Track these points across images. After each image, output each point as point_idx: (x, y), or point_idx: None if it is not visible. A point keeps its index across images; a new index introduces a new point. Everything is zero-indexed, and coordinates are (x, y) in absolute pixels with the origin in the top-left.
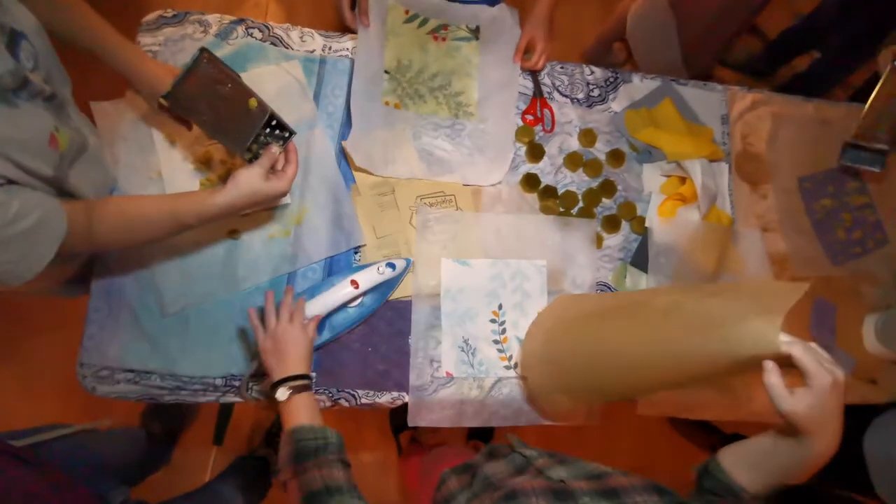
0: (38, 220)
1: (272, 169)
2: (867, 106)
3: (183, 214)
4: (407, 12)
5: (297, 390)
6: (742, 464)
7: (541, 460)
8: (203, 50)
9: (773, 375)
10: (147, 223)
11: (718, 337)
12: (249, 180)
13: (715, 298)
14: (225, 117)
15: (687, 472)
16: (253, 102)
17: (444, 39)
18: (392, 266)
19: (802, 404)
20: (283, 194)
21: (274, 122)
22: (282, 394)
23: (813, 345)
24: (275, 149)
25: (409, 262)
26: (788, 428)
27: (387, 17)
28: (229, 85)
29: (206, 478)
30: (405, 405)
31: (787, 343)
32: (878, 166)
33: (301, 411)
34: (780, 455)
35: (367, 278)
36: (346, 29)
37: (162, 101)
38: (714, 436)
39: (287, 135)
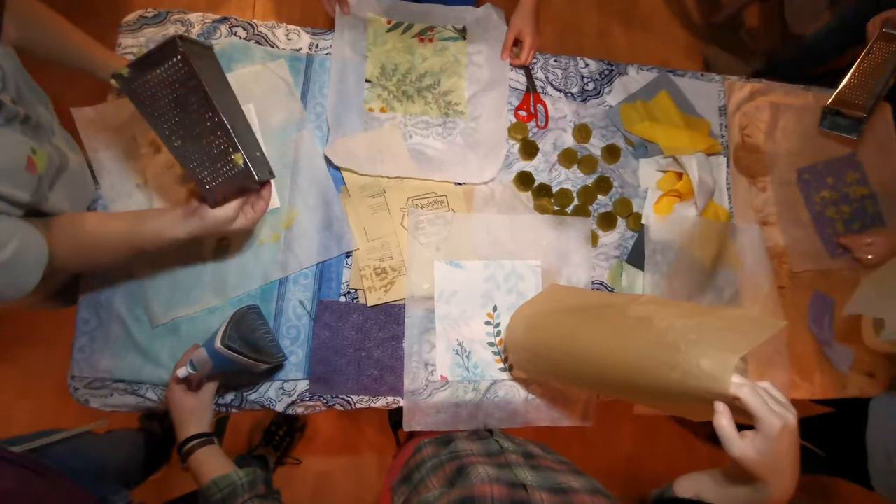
0: (17, 248)
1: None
2: (850, 71)
3: (140, 241)
4: (389, 22)
5: (191, 451)
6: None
7: (514, 455)
8: (180, 39)
9: (723, 418)
10: (104, 247)
11: (674, 364)
12: (216, 219)
13: (686, 320)
14: (194, 139)
15: (685, 460)
16: (238, 159)
17: (430, 40)
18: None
19: (752, 449)
20: (245, 232)
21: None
22: (182, 460)
23: (766, 385)
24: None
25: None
26: (742, 471)
27: (367, 30)
28: (200, 106)
29: None
30: None
31: (737, 385)
32: (855, 134)
33: (202, 470)
34: (735, 495)
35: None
36: (333, 25)
37: (112, 81)
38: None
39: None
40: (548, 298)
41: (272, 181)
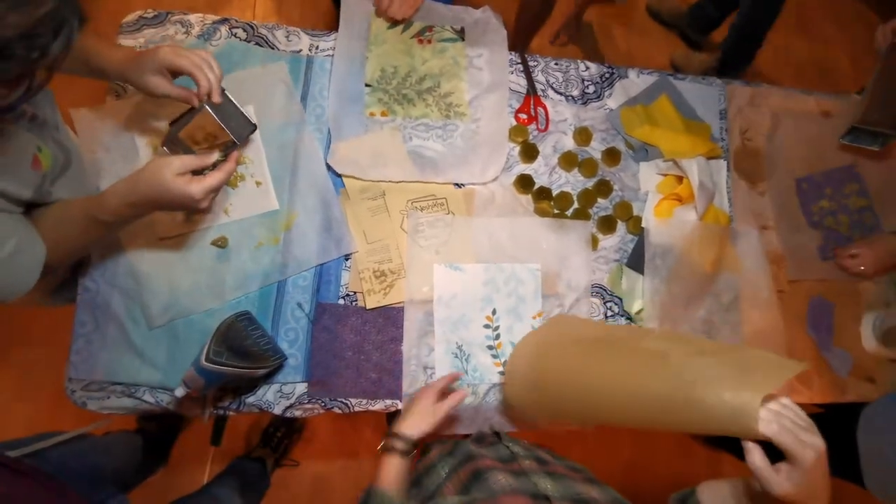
0: (14, 247)
1: (199, 173)
2: (871, 87)
3: (92, 208)
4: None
5: (389, 449)
6: None
7: (527, 462)
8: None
9: (756, 457)
10: (70, 223)
11: (695, 404)
12: (156, 169)
13: (703, 358)
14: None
15: (684, 464)
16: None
17: (429, 42)
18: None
19: (789, 484)
20: (194, 201)
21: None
22: (385, 446)
23: (785, 401)
24: (214, 155)
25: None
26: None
27: (371, 24)
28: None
29: (203, 479)
30: None
31: (765, 422)
32: (877, 145)
33: (383, 473)
34: None
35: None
36: (333, 26)
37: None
38: None
39: (232, 144)
40: (552, 330)
41: (236, 162)
